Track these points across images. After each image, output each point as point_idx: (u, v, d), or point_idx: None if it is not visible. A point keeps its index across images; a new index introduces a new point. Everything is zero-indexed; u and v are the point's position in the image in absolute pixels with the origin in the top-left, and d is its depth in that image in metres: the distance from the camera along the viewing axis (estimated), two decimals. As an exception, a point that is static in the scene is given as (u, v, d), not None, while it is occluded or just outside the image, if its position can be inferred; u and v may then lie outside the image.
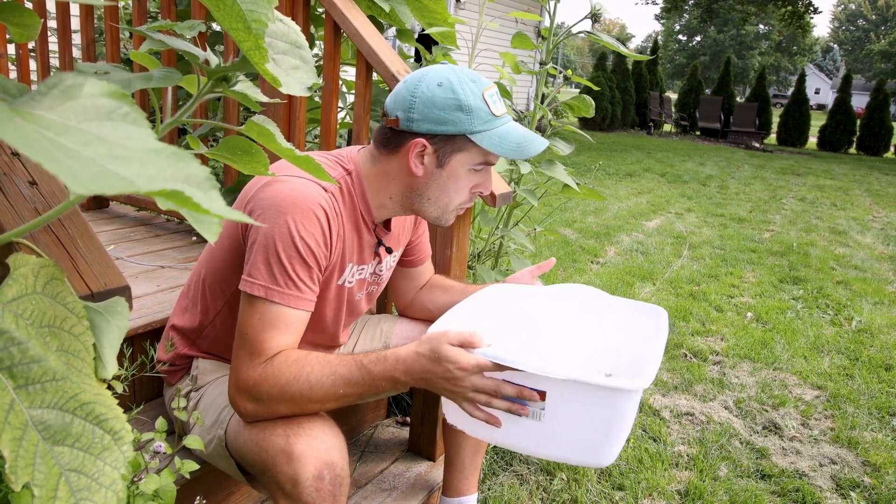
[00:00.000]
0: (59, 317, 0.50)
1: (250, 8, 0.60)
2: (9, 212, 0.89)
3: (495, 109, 1.11)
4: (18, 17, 0.66)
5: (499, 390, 0.98)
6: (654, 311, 1.21)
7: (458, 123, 1.08)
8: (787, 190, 7.94)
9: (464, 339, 0.99)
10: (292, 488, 0.97)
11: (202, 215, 0.39)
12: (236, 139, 0.76)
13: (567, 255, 4.29)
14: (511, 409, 0.98)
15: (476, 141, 1.09)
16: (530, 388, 0.97)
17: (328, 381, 1.01)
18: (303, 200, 1.05)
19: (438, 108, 1.08)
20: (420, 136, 1.10)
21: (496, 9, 9.65)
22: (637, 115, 15.79)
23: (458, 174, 1.13)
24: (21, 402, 0.42)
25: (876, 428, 2.31)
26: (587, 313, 1.29)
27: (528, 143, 1.11)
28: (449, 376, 0.98)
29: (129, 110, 0.35)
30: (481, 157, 1.12)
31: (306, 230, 1.04)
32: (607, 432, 0.97)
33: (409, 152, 1.11)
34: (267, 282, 1.03)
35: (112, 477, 0.45)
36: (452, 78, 1.09)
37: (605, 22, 48.77)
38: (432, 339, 1.00)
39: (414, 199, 1.17)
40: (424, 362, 0.99)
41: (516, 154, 1.09)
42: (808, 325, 3.29)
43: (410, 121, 1.10)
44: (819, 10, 18.56)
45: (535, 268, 1.40)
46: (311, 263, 1.06)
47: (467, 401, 1.00)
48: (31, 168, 0.97)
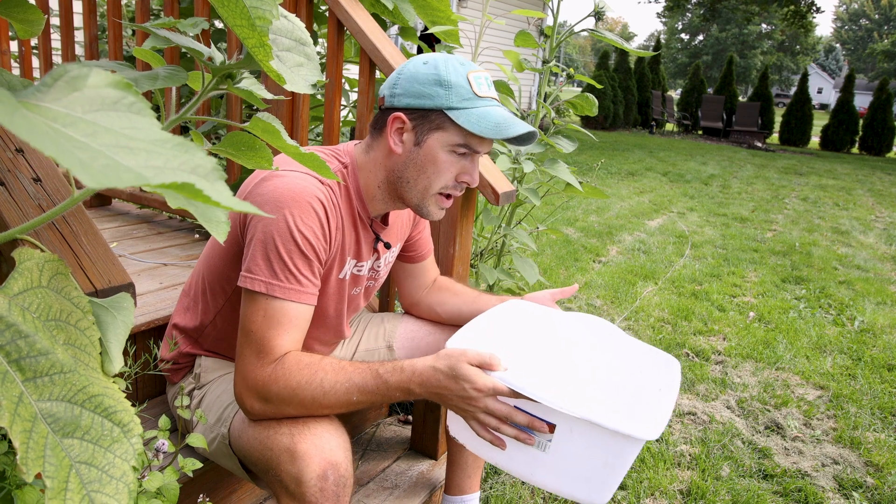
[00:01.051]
0: (64, 311, 0.50)
1: (255, 5, 0.60)
2: (13, 208, 0.89)
3: (478, 90, 1.08)
4: (23, 13, 0.66)
5: (510, 417, 0.98)
6: (667, 360, 1.18)
7: (435, 98, 1.07)
8: (789, 189, 7.93)
9: (483, 360, 0.99)
10: (296, 487, 0.97)
11: (211, 213, 0.39)
12: (240, 135, 0.76)
13: (569, 253, 4.28)
14: (518, 437, 0.99)
15: (453, 118, 1.06)
16: (541, 420, 0.97)
17: (342, 387, 1.02)
18: (300, 194, 1.04)
19: (419, 83, 1.07)
20: (400, 110, 1.09)
21: (499, 7, 9.64)
22: (639, 114, 15.77)
23: (437, 155, 1.10)
24: (30, 395, 0.42)
25: (878, 428, 2.30)
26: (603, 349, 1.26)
27: (509, 124, 1.07)
28: (464, 395, 0.98)
29: (134, 100, 0.35)
30: (461, 137, 1.08)
31: (304, 223, 1.04)
32: (608, 474, 0.96)
33: (389, 128, 1.10)
34: (267, 277, 1.02)
35: (122, 469, 0.45)
36: (439, 58, 1.09)
37: (608, 20, 48.63)
38: (451, 355, 1.00)
39: (395, 182, 1.14)
40: (441, 377, 1.00)
41: (493, 133, 1.05)
42: (811, 325, 3.28)
43: (393, 96, 1.10)
44: (822, 9, 18.54)
45: (558, 291, 1.38)
46: (310, 257, 1.05)
47: (477, 421, 1.01)
48: (35, 165, 0.97)
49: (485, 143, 1.11)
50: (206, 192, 0.30)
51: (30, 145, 0.28)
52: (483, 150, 1.13)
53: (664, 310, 3.36)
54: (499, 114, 1.08)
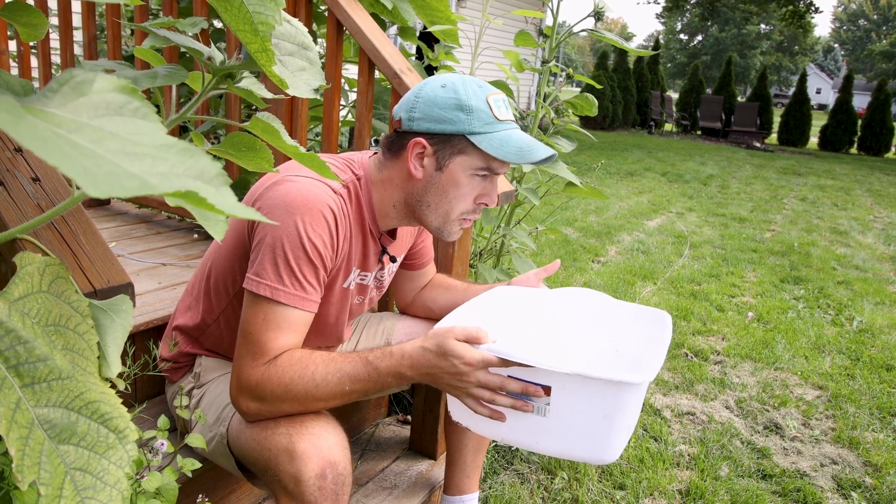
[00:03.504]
0: (64, 315, 0.50)
1: (258, 10, 0.60)
2: (12, 208, 0.89)
3: (498, 114, 1.10)
4: (26, 16, 0.66)
5: (503, 386, 0.98)
6: (658, 315, 1.21)
7: (456, 122, 1.07)
8: (788, 190, 7.93)
9: (470, 334, 0.99)
10: (294, 487, 0.97)
11: (209, 212, 0.38)
12: (241, 135, 0.75)
13: (568, 254, 4.28)
14: (515, 406, 0.98)
15: (475, 143, 1.08)
16: (535, 384, 0.97)
17: (334, 378, 1.01)
18: (312, 201, 1.04)
19: (439, 108, 1.08)
20: (420, 135, 1.10)
21: (498, 7, 9.63)
22: (638, 114, 15.77)
23: (459, 179, 1.11)
24: (27, 401, 0.41)
25: (877, 428, 2.31)
26: (591, 317, 1.29)
27: (531, 149, 1.09)
28: (454, 371, 0.98)
29: (140, 105, 0.35)
30: (482, 161, 1.10)
31: (314, 231, 1.04)
32: (611, 427, 0.97)
33: (410, 153, 1.10)
34: (274, 282, 1.02)
35: (117, 476, 0.45)
36: (457, 80, 1.09)
37: (607, 21, 48.50)
38: (438, 334, 1.00)
39: (415, 206, 1.16)
40: (430, 357, 0.99)
41: (517, 158, 1.08)
42: (810, 325, 3.29)
43: (412, 120, 1.10)
44: (820, 9, 18.56)
45: (541, 270, 1.39)
46: (317, 264, 1.05)
47: (471, 397, 1.00)
48: (34, 164, 0.97)
49: (504, 164, 1.13)
50: (210, 200, 0.30)
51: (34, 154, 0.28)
52: (503, 172, 1.15)
53: (663, 310, 3.36)
54: (520, 138, 1.10)
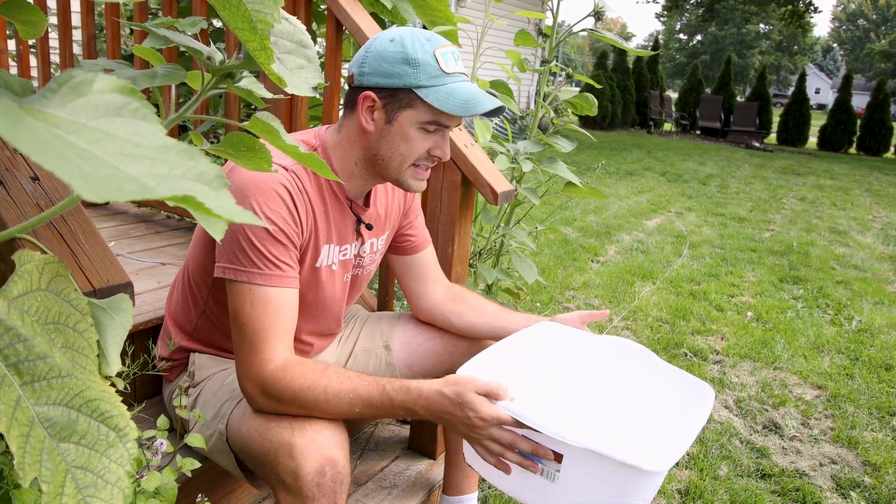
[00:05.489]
0: (63, 313, 0.50)
1: (256, 8, 0.60)
2: (11, 207, 0.89)
3: (446, 67, 1.08)
4: (25, 14, 0.66)
5: (514, 445, 0.98)
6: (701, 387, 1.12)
7: (403, 77, 1.07)
8: (787, 189, 7.94)
9: (490, 390, 1.00)
10: (293, 481, 0.98)
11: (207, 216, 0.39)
12: (240, 135, 0.75)
13: (567, 253, 4.28)
14: (522, 464, 0.99)
15: (422, 96, 1.07)
16: (546, 448, 0.96)
17: (346, 397, 1.03)
18: (264, 182, 1.06)
19: (387, 62, 1.08)
20: (370, 89, 1.10)
21: (498, 7, 9.62)
22: (637, 113, 15.77)
23: (408, 132, 1.11)
24: (27, 399, 0.42)
25: (876, 428, 2.31)
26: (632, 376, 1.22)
27: (477, 101, 1.07)
28: (468, 423, 1.00)
29: (139, 105, 0.35)
30: (430, 115, 1.09)
31: (271, 209, 1.05)
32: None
33: (360, 107, 1.11)
34: (247, 266, 1.04)
35: (117, 474, 0.45)
36: (405, 34, 1.09)
37: (606, 20, 48.46)
38: (460, 382, 1.01)
39: (372, 159, 1.15)
40: (447, 403, 1.01)
41: (462, 111, 1.06)
42: (809, 325, 3.29)
43: (362, 75, 1.10)
44: (819, 9, 18.55)
45: (587, 314, 1.36)
46: (284, 241, 1.07)
47: (482, 447, 1.02)
48: (33, 163, 0.97)
49: (454, 118, 1.12)
50: (208, 204, 0.30)
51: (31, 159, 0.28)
52: (453, 125, 1.14)
53: (662, 309, 3.37)
54: (466, 90, 1.08)
